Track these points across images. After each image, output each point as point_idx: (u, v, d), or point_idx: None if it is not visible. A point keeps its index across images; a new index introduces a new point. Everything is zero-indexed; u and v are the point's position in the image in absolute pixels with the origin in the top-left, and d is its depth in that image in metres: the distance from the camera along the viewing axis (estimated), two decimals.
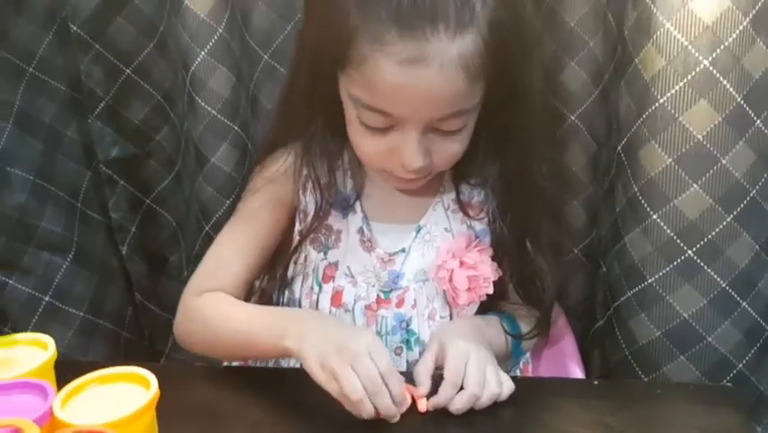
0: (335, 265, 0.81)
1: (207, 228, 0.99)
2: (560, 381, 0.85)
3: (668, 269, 0.79)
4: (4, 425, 0.52)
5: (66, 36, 0.95)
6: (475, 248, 0.80)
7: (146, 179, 1.06)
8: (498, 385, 0.70)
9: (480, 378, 0.69)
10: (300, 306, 0.84)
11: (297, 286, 0.84)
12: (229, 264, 0.83)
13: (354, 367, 0.65)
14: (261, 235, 0.84)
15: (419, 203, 0.82)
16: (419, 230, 0.81)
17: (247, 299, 0.85)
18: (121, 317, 1.04)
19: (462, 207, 0.82)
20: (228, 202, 0.96)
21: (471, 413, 0.69)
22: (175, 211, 1.07)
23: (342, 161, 0.81)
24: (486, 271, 0.80)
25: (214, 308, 0.80)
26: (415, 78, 0.65)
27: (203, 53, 0.90)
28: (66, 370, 0.62)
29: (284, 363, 0.83)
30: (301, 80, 0.77)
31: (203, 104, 0.93)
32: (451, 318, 0.82)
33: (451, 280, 0.79)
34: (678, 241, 0.78)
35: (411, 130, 0.69)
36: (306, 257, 0.83)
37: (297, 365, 0.79)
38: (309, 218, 0.81)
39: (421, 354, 0.79)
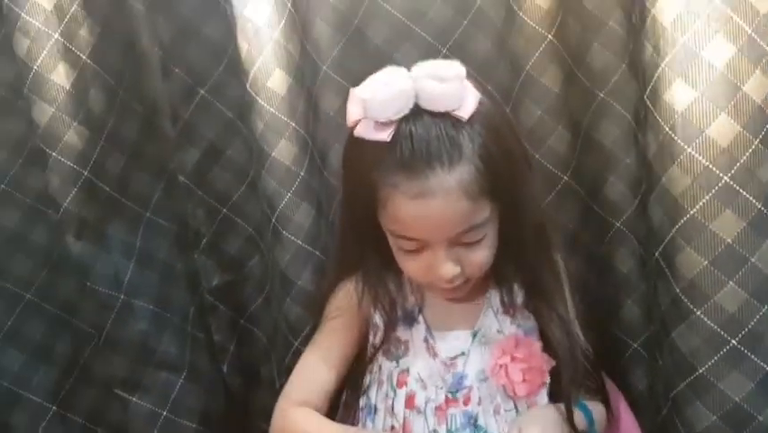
0: (407, 371, 0.90)
1: (297, 343, 1.08)
2: None
3: (716, 359, 0.87)
4: None
5: (174, 184, 1.11)
6: (523, 345, 0.90)
7: (241, 303, 1.19)
8: None
9: None
10: (376, 410, 0.92)
11: (372, 393, 0.93)
12: (316, 375, 0.93)
13: None
14: (341, 350, 0.94)
15: (472, 310, 0.92)
16: (475, 334, 0.91)
17: (333, 405, 0.94)
18: (226, 429, 1.14)
19: (507, 309, 0.92)
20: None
21: None
22: (266, 329, 1.19)
23: (403, 283, 0.93)
24: (537, 362, 0.89)
25: (304, 425, 0.88)
26: (425, 208, 0.79)
27: (288, 194, 1.04)
28: None
29: None
30: (349, 225, 0.92)
31: (290, 236, 1.05)
32: (517, 410, 0.89)
33: (507, 375, 0.88)
34: (722, 333, 0.86)
35: (438, 248, 0.82)
36: (380, 366, 0.93)
37: None
38: (380, 333, 0.92)
39: None
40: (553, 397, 0.91)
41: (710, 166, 0.84)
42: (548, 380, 0.90)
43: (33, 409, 1.08)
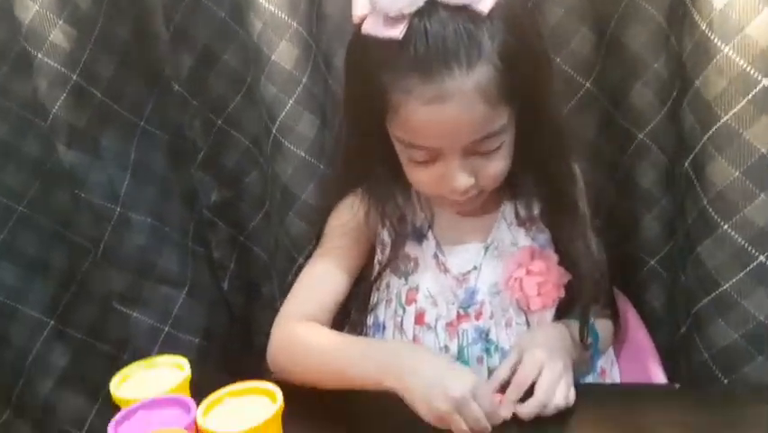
0: (416, 289, 0.88)
1: (301, 259, 1.04)
2: (641, 386, 0.89)
3: (741, 275, 0.83)
4: None
5: (169, 93, 1.06)
6: (539, 258, 0.86)
7: (240, 220, 1.15)
8: (564, 399, 0.75)
9: (549, 388, 0.75)
10: (384, 328, 0.90)
11: (380, 311, 0.91)
12: (319, 290, 0.90)
13: (461, 413, 0.71)
14: (346, 265, 0.90)
15: (484, 223, 0.88)
16: (487, 248, 0.88)
17: (337, 321, 0.91)
18: (227, 344, 1.13)
19: (522, 221, 0.88)
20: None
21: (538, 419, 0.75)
22: (266, 246, 1.16)
23: (411, 197, 0.89)
24: (554, 276, 0.86)
25: (312, 338, 0.84)
26: (440, 114, 0.73)
27: (291, 102, 0.98)
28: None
29: None
30: (354, 135, 0.86)
31: (292, 147, 1.00)
32: (528, 324, 0.87)
33: (521, 288, 0.85)
34: (749, 248, 0.82)
35: (452, 158, 0.77)
36: (387, 284, 0.90)
37: None
38: (388, 249, 0.89)
39: (501, 360, 0.85)
40: (559, 312, 0.88)
41: (748, 68, 0.77)
42: (563, 294, 0.86)
43: (31, 323, 1.06)
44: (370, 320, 0.92)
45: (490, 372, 0.85)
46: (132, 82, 1.01)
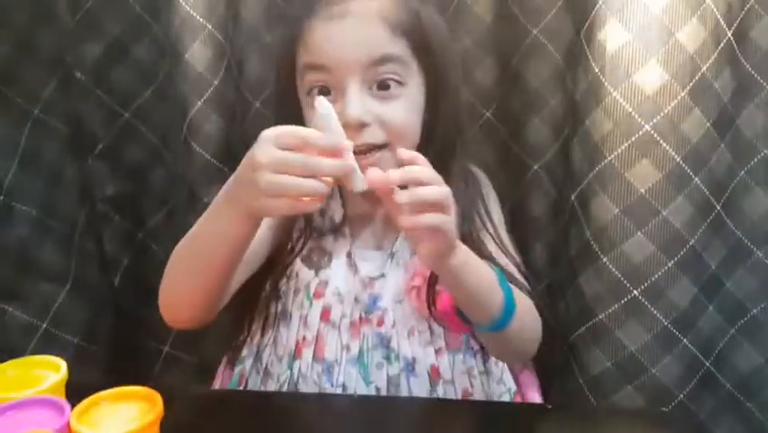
0: (325, 283, 0.88)
1: None
2: (518, 405, 0.91)
3: (616, 306, 0.88)
4: None
5: (70, 81, 1.01)
6: None
7: (139, 216, 1.12)
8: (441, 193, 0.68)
9: (430, 178, 0.67)
10: (291, 318, 0.89)
11: (288, 299, 0.90)
12: None
13: (279, 165, 0.65)
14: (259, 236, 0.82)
15: (392, 229, 0.89)
16: (393, 256, 0.88)
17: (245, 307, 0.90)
18: (112, 345, 1.08)
19: None
20: None
21: None
22: (165, 245, 1.13)
23: (333, 191, 0.88)
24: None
25: (172, 254, 0.80)
26: (341, 27, 0.79)
27: (200, 103, 0.97)
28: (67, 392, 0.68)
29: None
30: (282, 104, 0.87)
31: (197, 148, 0.99)
32: (431, 332, 0.87)
33: (418, 297, 0.86)
34: (625, 282, 0.87)
35: (348, 83, 0.79)
36: (297, 273, 0.89)
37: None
38: (303, 238, 0.88)
39: (402, 369, 0.86)
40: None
41: (633, 113, 0.83)
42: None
43: None
44: (279, 307, 0.90)
45: (390, 379, 0.86)
46: (28, 67, 0.96)
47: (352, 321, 0.87)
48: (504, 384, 0.92)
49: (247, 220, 0.72)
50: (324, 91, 0.80)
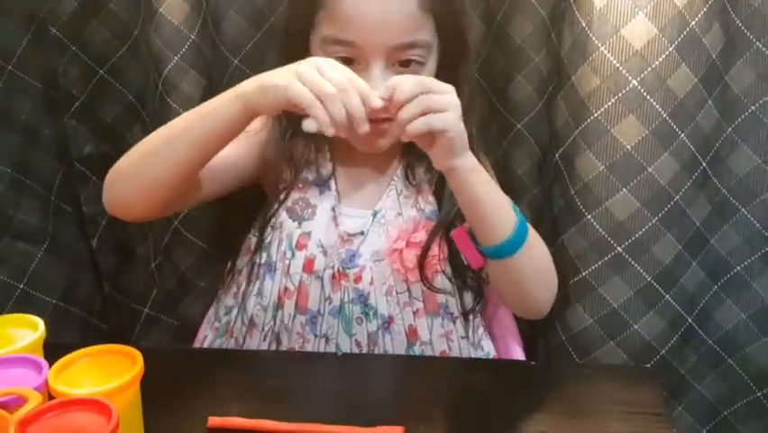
0: (308, 235, 0.87)
1: (176, 223, 1.03)
2: (501, 362, 0.92)
3: (600, 263, 0.88)
4: (6, 393, 0.57)
5: (44, 37, 0.98)
6: (423, 229, 0.87)
7: None
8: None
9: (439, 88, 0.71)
10: (276, 268, 0.88)
11: (273, 249, 0.89)
12: None
13: (322, 71, 0.70)
14: (236, 148, 0.83)
15: (379, 189, 0.90)
16: (375, 215, 0.88)
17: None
18: (91, 306, 1.08)
19: (411, 190, 0.89)
20: None
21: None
22: None
23: (324, 145, 0.89)
24: (434, 249, 0.86)
25: (150, 136, 0.81)
26: (372, 4, 0.77)
27: (176, 58, 0.95)
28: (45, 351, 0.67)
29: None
30: (282, 53, 0.84)
31: (174, 105, 0.97)
32: (410, 294, 0.87)
33: (401, 259, 0.86)
34: (608, 239, 0.87)
35: (373, 61, 0.79)
36: (282, 224, 0.89)
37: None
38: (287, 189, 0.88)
39: (379, 326, 0.86)
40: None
41: (620, 68, 0.82)
42: (444, 268, 0.87)
43: None
44: (262, 258, 0.90)
45: (369, 335, 0.87)
46: (0, 22, 0.93)
47: (334, 273, 0.87)
48: (482, 349, 0.93)
49: (243, 110, 0.74)
50: (348, 61, 0.79)
